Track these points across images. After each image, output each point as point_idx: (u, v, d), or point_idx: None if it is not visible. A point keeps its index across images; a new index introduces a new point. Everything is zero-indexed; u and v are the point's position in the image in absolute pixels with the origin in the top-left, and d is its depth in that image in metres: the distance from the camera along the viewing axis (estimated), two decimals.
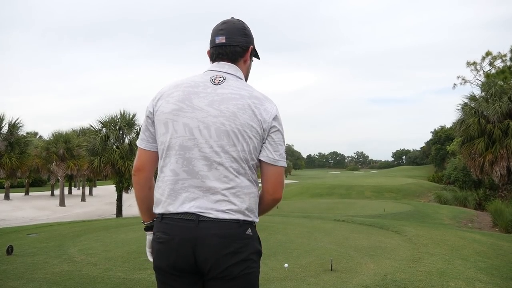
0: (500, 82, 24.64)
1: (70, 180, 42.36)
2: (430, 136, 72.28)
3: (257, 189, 1.68)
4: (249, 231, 1.60)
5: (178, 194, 1.60)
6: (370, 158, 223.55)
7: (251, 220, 1.63)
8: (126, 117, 21.40)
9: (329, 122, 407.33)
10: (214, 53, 1.74)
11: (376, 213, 15.35)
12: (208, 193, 1.58)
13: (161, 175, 1.67)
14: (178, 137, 1.61)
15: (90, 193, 41.30)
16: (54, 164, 30.31)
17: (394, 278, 4.71)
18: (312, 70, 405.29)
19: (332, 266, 5.15)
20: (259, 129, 1.60)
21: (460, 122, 22.61)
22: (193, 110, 1.60)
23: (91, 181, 41.12)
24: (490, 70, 33.37)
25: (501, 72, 29.50)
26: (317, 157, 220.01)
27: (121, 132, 21.54)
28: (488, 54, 33.63)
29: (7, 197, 33.66)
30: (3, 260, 5.77)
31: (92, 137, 21.32)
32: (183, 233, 1.57)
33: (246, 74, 1.80)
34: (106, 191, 43.65)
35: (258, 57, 1.88)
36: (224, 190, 1.58)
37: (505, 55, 31.61)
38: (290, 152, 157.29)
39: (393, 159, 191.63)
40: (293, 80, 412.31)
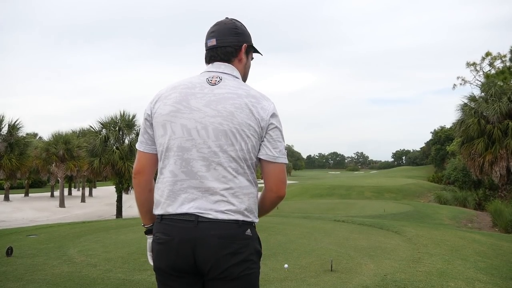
0: (499, 83, 24.69)
1: (70, 181, 42.32)
2: (430, 136, 72.37)
3: (256, 189, 1.68)
4: (248, 232, 1.60)
5: (177, 195, 1.61)
6: (370, 159, 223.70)
7: (251, 220, 1.63)
8: (126, 118, 21.38)
9: (329, 123, 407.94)
10: (207, 56, 1.76)
11: (376, 213, 15.36)
12: (207, 193, 1.58)
13: (160, 177, 1.68)
14: (176, 138, 1.62)
15: (90, 194, 41.27)
16: (54, 165, 30.29)
17: (394, 278, 4.72)
18: (312, 71, 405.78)
19: (332, 266, 5.15)
20: (257, 127, 1.60)
21: (460, 123, 22.62)
22: (190, 111, 1.61)
23: (91, 182, 41.08)
24: (490, 70, 33.40)
25: (500, 72, 29.55)
26: (317, 157, 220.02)
27: (121, 133, 21.52)
28: (488, 54, 33.67)
29: (7, 198, 33.62)
30: (3, 261, 5.76)
31: (92, 138, 21.29)
32: (183, 233, 1.57)
33: (244, 72, 1.79)
34: (106, 192, 43.61)
35: (259, 53, 1.87)
36: (223, 191, 1.58)
37: (504, 56, 31.66)
38: (290, 152, 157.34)
39: (393, 160, 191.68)
40: (293, 80, 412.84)
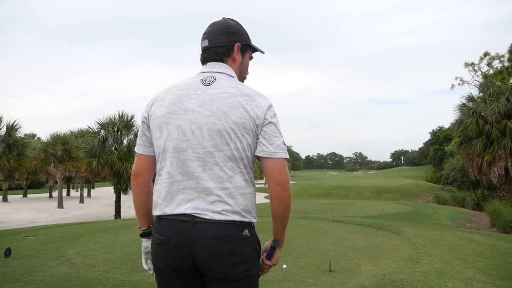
0: (498, 83, 24.69)
1: (68, 182, 42.25)
2: (428, 136, 72.53)
3: (253, 189, 1.67)
4: (246, 232, 1.60)
5: (174, 196, 1.62)
6: (368, 159, 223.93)
7: (248, 221, 1.63)
8: (124, 118, 21.35)
9: (327, 123, 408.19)
10: (201, 57, 1.79)
11: (374, 213, 15.36)
12: (203, 194, 1.59)
13: (158, 178, 1.70)
14: (172, 139, 1.63)
15: (89, 195, 41.16)
16: (52, 166, 30.19)
17: (392, 278, 4.72)
18: (311, 71, 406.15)
19: (330, 266, 5.15)
20: (252, 125, 1.59)
21: (458, 123, 22.65)
22: (185, 112, 1.62)
23: (90, 182, 41.00)
24: (488, 70, 33.42)
25: (499, 72, 29.58)
26: (315, 158, 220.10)
27: (119, 133, 21.50)
28: (486, 54, 33.69)
29: (5, 199, 33.56)
30: (1, 262, 5.75)
31: (90, 138, 21.25)
32: (179, 234, 1.58)
33: (240, 71, 1.79)
34: (105, 193, 43.58)
35: (260, 51, 1.86)
36: (219, 191, 1.58)
37: (503, 56, 31.68)
38: (288, 153, 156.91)
39: (391, 160, 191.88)
40: (292, 81, 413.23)
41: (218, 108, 1.59)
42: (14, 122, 24.25)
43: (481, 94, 23.13)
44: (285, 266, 5.10)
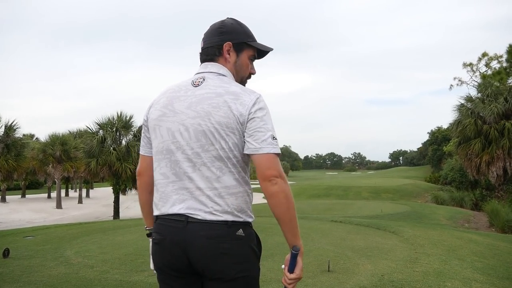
0: (496, 83, 24.74)
1: (67, 182, 42.20)
2: (427, 137, 72.76)
3: (246, 188, 1.65)
4: (240, 232, 1.59)
5: (169, 196, 1.65)
6: (367, 159, 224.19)
7: (243, 220, 1.62)
8: (123, 119, 21.34)
9: (326, 123, 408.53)
10: (200, 58, 1.82)
11: (373, 213, 15.37)
12: (195, 194, 1.60)
13: (155, 179, 1.74)
14: (164, 141, 1.68)
15: (87, 195, 41.13)
16: (50, 166, 30.16)
17: (391, 278, 4.72)
18: (309, 71, 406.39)
19: (329, 267, 5.15)
20: (236, 124, 1.58)
21: (456, 123, 22.70)
22: (174, 114, 1.67)
23: (88, 183, 40.98)
24: (486, 71, 33.49)
25: (497, 73, 29.59)
26: (314, 158, 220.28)
27: (118, 134, 21.48)
28: (484, 55, 33.78)
29: (4, 199, 33.49)
30: (0, 263, 5.74)
31: (89, 139, 21.24)
32: (173, 234, 1.61)
33: (236, 71, 1.77)
34: (103, 193, 43.56)
35: (261, 48, 1.79)
36: (209, 191, 1.59)
37: (501, 56, 31.75)
38: (287, 153, 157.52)
39: (390, 160, 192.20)
40: (290, 81, 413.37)
41: (202, 108, 1.61)
42: (12, 122, 24.24)
43: (479, 95, 23.20)
44: (283, 266, 5.10)
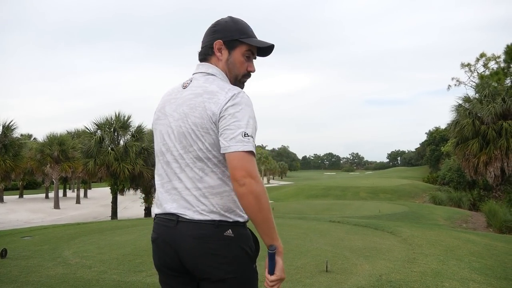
0: (494, 84, 24.80)
1: (65, 182, 42.17)
2: (425, 137, 72.91)
3: (232, 187, 1.60)
4: (228, 232, 1.57)
5: (164, 196, 1.70)
6: (365, 159, 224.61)
7: (232, 220, 1.60)
8: (121, 119, 21.32)
9: (324, 124, 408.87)
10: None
11: (371, 214, 15.39)
12: (183, 194, 1.63)
13: (155, 180, 1.80)
14: (157, 143, 1.75)
15: (85, 195, 41.10)
16: (48, 166, 30.14)
17: (389, 278, 4.73)
18: (307, 72, 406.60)
19: (327, 267, 5.15)
20: (210, 123, 1.57)
21: (454, 123, 22.75)
22: (165, 117, 1.72)
23: (86, 183, 40.94)
24: (484, 71, 33.57)
25: (495, 73, 29.63)
26: (312, 158, 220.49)
27: (116, 134, 21.46)
28: (482, 55, 33.87)
29: (1, 200, 33.42)
30: None
31: (86, 139, 21.21)
32: (165, 233, 1.65)
33: (229, 69, 1.74)
34: (101, 193, 43.44)
35: (254, 44, 1.74)
36: (195, 191, 1.61)
37: (499, 57, 31.82)
38: (285, 153, 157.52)
39: (388, 160, 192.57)
40: (288, 81, 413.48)
41: (183, 110, 1.64)
42: (10, 123, 24.21)
43: (477, 95, 23.26)
44: None
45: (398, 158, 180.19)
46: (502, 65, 30.13)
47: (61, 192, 38.36)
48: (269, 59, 1.86)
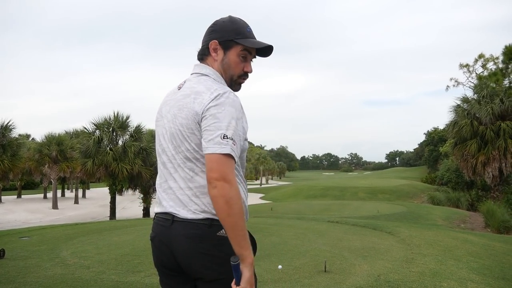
0: (492, 84, 24.88)
1: (63, 182, 42.09)
2: (423, 137, 72.98)
3: None
4: (221, 233, 1.57)
5: (162, 196, 1.72)
6: (364, 160, 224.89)
7: None
8: (119, 119, 21.27)
9: (323, 124, 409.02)
10: None
11: (369, 214, 15.40)
12: (178, 193, 1.65)
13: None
14: (156, 144, 1.78)
15: (84, 195, 41.05)
16: (46, 166, 30.07)
17: (387, 278, 4.73)
18: (306, 72, 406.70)
19: (325, 267, 5.16)
20: (195, 123, 1.58)
21: (453, 124, 22.77)
22: (161, 118, 1.75)
23: (84, 183, 40.89)
24: (482, 72, 33.65)
25: (493, 74, 29.75)
26: (311, 158, 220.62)
27: (114, 134, 21.42)
28: (480, 56, 33.95)
29: None
30: None
31: (85, 139, 21.16)
32: (161, 232, 1.68)
33: (224, 69, 1.73)
34: (100, 194, 43.43)
35: (248, 45, 1.71)
36: (187, 191, 1.63)
37: (497, 58, 31.92)
38: (284, 153, 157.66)
39: (386, 161, 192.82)
40: (287, 82, 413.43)
41: (173, 111, 1.67)
42: (8, 123, 24.11)
43: (475, 96, 23.29)
44: (280, 266, 5.11)
45: (397, 159, 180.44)
46: (501, 66, 30.25)
47: (59, 192, 38.30)
48: (268, 60, 1.85)
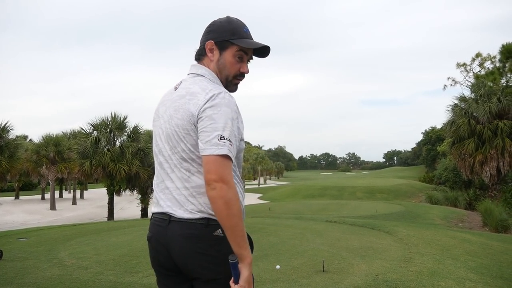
0: (489, 83, 24.94)
1: (61, 183, 42.02)
2: (421, 137, 73.24)
3: None
4: (218, 232, 1.57)
5: (159, 196, 1.73)
6: (361, 159, 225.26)
7: None
8: (117, 119, 21.25)
9: (321, 124, 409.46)
10: None
11: (367, 213, 15.41)
12: (174, 193, 1.65)
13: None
14: (153, 144, 1.79)
15: (81, 196, 40.94)
16: (44, 167, 30.01)
17: (385, 278, 4.74)
18: (304, 72, 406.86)
19: (324, 267, 5.16)
20: (190, 124, 1.59)
21: (450, 123, 22.82)
22: (158, 118, 1.76)
23: (82, 184, 40.78)
24: (479, 71, 33.74)
25: (490, 73, 29.84)
26: (309, 158, 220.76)
27: (112, 134, 21.39)
28: (478, 55, 34.03)
29: None
30: None
31: (82, 139, 21.13)
32: (158, 233, 1.68)
33: (220, 70, 1.73)
34: (98, 194, 43.37)
35: (244, 45, 1.70)
36: (184, 191, 1.63)
37: (494, 57, 32.00)
38: (282, 153, 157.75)
39: (384, 160, 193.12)
40: (285, 82, 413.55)
41: (169, 112, 1.68)
42: (5, 124, 24.04)
43: (473, 95, 23.35)
44: (278, 266, 5.11)
45: (395, 158, 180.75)
46: (498, 65, 30.34)
47: (57, 193, 38.19)
48: (266, 59, 1.84)
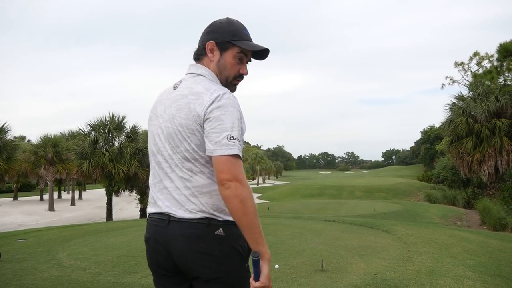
0: (487, 82, 24.96)
1: (59, 184, 41.94)
2: (419, 136, 73.30)
3: None
4: (219, 232, 1.58)
5: (156, 196, 1.71)
6: (360, 158, 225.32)
7: (222, 219, 1.60)
8: (115, 120, 21.19)
9: (319, 123, 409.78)
10: None
11: (366, 213, 15.43)
12: (174, 193, 1.64)
13: (149, 180, 1.81)
14: (150, 144, 1.77)
15: (80, 197, 40.87)
16: (42, 168, 29.96)
17: (384, 277, 4.75)
18: (302, 71, 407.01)
19: (322, 266, 5.16)
20: (196, 125, 1.58)
21: (448, 122, 22.85)
22: (156, 117, 1.75)
23: (81, 185, 40.72)
24: (477, 70, 33.74)
25: (488, 72, 29.84)
26: (307, 157, 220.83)
27: (110, 135, 21.34)
28: (475, 54, 34.00)
29: None
30: None
31: (81, 140, 21.06)
32: (156, 233, 1.67)
33: (219, 70, 1.73)
34: (96, 195, 43.32)
35: (244, 47, 1.71)
36: (185, 191, 1.62)
37: (492, 56, 31.95)
38: (281, 153, 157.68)
39: (383, 159, 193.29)
40: (283, 81, 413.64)
41: (170, 111, 1.67)
42: (3, 125, 23.99)
43: (471, 94, 23.36)
44: (277, 266, 5.10)
45: (393, 157, 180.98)
46: (495, 63, 30.34)
47: (55, 194, 38.11)
48: (265, 59, 1.84)
